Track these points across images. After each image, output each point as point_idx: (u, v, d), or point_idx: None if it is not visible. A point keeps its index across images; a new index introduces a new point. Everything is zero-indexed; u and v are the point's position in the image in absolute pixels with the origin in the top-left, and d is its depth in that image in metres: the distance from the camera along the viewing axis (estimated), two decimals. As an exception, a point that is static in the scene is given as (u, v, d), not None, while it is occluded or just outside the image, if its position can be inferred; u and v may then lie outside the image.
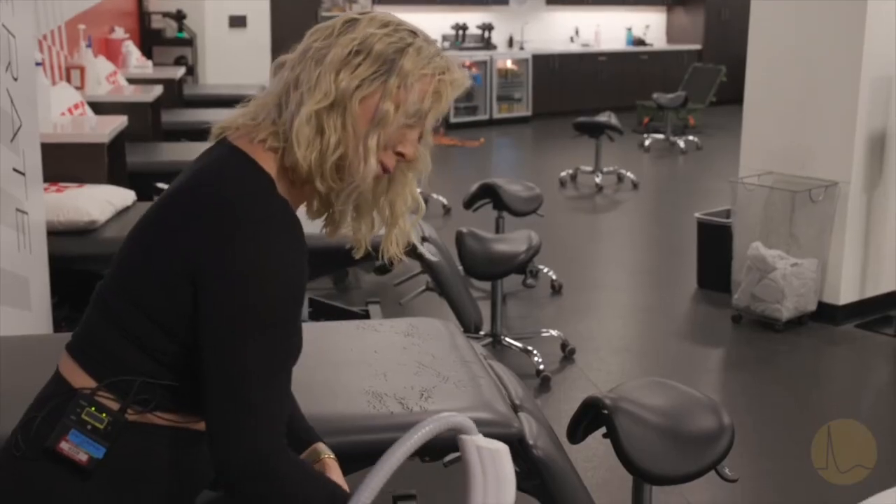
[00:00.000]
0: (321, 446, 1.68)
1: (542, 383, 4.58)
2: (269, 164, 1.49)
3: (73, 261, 3.90)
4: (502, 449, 1.43)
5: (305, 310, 4.41)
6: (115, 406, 1.45)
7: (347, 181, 1.50)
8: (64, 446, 1.43)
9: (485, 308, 4.83)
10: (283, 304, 1.43)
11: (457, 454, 1.45)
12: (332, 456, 1.67)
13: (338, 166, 1.49)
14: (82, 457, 1.43)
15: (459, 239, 4.62)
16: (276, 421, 1.44)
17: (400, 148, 1.52)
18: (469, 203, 5.70)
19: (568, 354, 4.91)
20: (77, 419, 1.44)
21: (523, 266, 4.78)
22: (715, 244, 5.81)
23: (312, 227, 1.63)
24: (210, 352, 1.42)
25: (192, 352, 1.44)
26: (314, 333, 2.87)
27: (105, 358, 1.47)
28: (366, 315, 4.52)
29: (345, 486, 1.61)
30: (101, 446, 1.43)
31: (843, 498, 1.65)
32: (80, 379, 1.47)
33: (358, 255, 1.63)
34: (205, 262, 1.41)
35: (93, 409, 1.44)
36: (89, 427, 1.43)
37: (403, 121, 1.49)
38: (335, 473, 1.64)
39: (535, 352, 4.74)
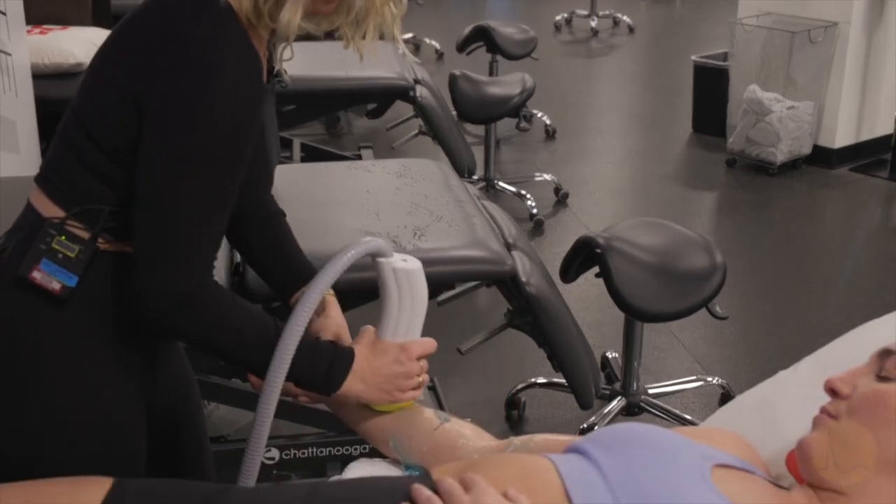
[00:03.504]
0: None
1: (536, 227, 4.59)
2: None
3: (60, 104, 3.82)
4: (416, 269, 1.49)
5: (297, 154, 4.38)
6: (85, 235, 1.43)
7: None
8: (36, 275, 1.40)
9: (478, 153, 4.81)
10: (231, 139, 1.36)
11: (450, 293, 1.46)
12: (331, 292, 1.64)
13: (275, 12, 1.38)
14: (55, 285, 1.41)
15: (452, 82, 4.56)
16: (206, 257, 1.40)
17: None
18: (462, 46, 5.60)
19: (561, 198, 4.91)
20: (47, 248, 1.41)
21: (517, 109, 4.73)
22: (711, 88, 5.74)
23: (301, 69, 1.57)
24: (146, 180, 1.36)
25: None
26: (304, 174, 2.85)
27: (70, 188, 1.43)
28: (358, 159, 4.49)
29: (343, 323, 1.60)
30: (73, 275, 1.41)
31: (832, 335, 1.66)
32: (48, 209, 1.44)
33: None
34: (149, 86, 1.34)
35: (63, 237, 1.42)
36: (60, 256, 1.41)
37: None
38: (334, 310, 1.62)
39: (528, 196, 4.73)
